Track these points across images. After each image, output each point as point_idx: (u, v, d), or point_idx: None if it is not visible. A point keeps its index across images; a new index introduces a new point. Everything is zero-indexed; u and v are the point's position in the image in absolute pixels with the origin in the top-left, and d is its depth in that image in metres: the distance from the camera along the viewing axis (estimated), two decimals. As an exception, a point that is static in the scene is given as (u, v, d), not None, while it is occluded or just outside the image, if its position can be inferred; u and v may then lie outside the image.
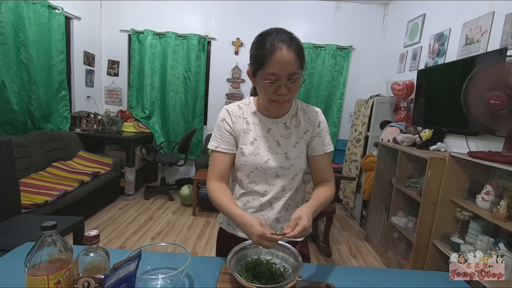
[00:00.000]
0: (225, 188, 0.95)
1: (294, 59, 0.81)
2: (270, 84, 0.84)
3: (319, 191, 0.97)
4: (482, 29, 2.13)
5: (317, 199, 0.92)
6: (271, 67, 0.81)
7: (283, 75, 0.82)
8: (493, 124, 1.63)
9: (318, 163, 1.00)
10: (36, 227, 1.71)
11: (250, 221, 0.77)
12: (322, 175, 1.00)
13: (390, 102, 3.19)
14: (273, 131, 0.97)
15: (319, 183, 1.01)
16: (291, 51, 0.81)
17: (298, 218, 0.79)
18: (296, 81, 0.84)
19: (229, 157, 0.96)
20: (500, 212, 1.51)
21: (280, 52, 0.80)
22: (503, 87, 1.52)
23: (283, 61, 0.80)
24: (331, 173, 1.02)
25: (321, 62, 4.01)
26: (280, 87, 0.83)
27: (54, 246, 0.60)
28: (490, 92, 1.56)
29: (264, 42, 0.82)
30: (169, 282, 0.74)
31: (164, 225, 2.98)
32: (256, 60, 0.85)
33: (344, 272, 0.89)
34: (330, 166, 1.02)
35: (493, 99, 1.54)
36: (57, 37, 3.14)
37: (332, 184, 1.01)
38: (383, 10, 3.98)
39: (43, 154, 2.84)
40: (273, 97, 0.86)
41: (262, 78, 0.84)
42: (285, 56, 0.80)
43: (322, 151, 0.99)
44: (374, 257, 2.63)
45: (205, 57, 4.08)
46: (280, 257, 0.86)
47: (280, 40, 0.81)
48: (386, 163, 2.69)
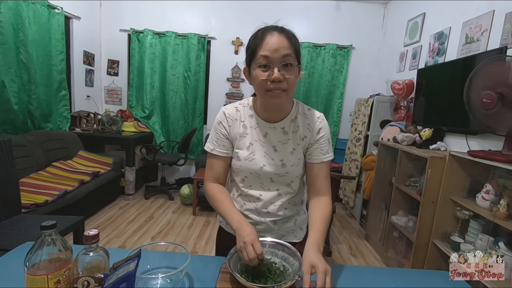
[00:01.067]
0: (224, 190, 0.95)
1: (286, 43, 0.81)
2: (262, 70, 0.81)
3: (317, 214, 0.89)
4: (482, 28, 2.13)
5: (318, 229, 0.84)
6: (263, 51, 0.81)
7: (275, 57, 0.80)
8: (487, 122, 1.64)
9: (314, 171, 0.94)
10: (36, 226, 1.71)
11: (248, 227, 0.81)
12: (317, 186, 0.94)
13: (390, 101, 3.19)
14: (270, 136, 0.94)
15: (313, 198, 0.94)
16: (282, 35, 0.81)
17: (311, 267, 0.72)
18: (291, 68, 0.82)
19: (224, 160, 0.96)
20: (500, 211, 1.51)
21: (271, 35, 0.81)
22: (501, 86, 1.51)
23: (275, 43, 0.80)
24: (327, 184, 0.95)
25: (321, 61, 4.01)
26: (273, 73, 0.80)
27: (54, 246, 0.60)
28: (484, 90, 1.57)
29: (257, 33, 0.84)
30: (169, 282, 0.74)
31: (164, 225, 2.98)
32: (249, 51, 0.85)
33: (344, 271, 0.88)
34: (326, 177, 0.95)
35: (486, 98, 1.56)
36: (56, 36, 3.14)
37: (328, 198, 0.93)
38: (383, 9, 3.97)
39: (43, 153, 2.84)
40: (267, 86, 0.81)
41: (255, 67, 0.83)
42: (276, 39, 0.80)
43: (319, 159, 0.93)
44: (374, 256, 2.63)
45: (205, 57, 4.08)
46: (280, 256, 0.86)
47: (271, 29, 0.83)
48: (386, 162, 2.69)
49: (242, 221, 0.83)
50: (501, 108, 1.51)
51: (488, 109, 1.55)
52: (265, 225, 0.98)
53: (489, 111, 1.56)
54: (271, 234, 0.99)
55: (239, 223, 0.83)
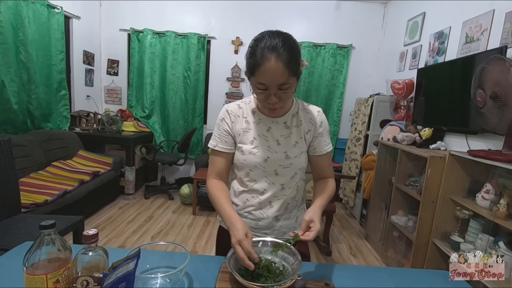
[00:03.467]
0: (223, 187, 0.97)
1: (282, 71, 0.79)
2: (260, 93, 0.85)
3: (322, 186, 0.99)
4: (482, 28, 2.13)
5: (323, 197, 0.94)
6: (260, 77, 0.82)
7: (272, 85, 0.82)
8: (480, 121, 1.67)
9: (320, 162, 1.02)
10: (36, 226, 1.69)
11: (238, 225, 0.80)
12: (323, 173, 1.04)
13: (390, 101, 3.19)
14: (273, 130, 0.97)
15: (319, 179, 1.04)
16: (279, 61, 0.79)
17: (310, 221, 0.82)
18: (287, 91, 0.84)
19: (226, 156, 0.98)
20: (500, 211, 1.51)
21: (269, 63, 0.79)
22: (497, 85, 1.52)
23: (272, 72, 0.80)
24: (331, 170, 1.05)
25: (321, 61, 4.01)
26: (270, 96, 0.84)
27: (53, 245, 0.60)
28: (478, 89, 1.59)
29: (255, 49, 0.82)
30: (168, 281, 0.74)
31: (164, 224, 2.98)
32: (248, 67, 0.86)
33: (344, 271, 0.88)
34: (330, 164, 1.05)
35: (479, 96, 1.58)
36: (56, 36, 3.13)
37: (333, 179, 1.04)
38: (383, 9, 3.97)
39: (43, 153, 2.84)
40: (265, 104, 0.88)
41: (253, 86, 0.86)
42: (273, 68, 0.79)
43: (324, 151, 1.01)
44: (374, 256, 2.63)
45: (205, 56, 4.08)
46: (280, 255, 0.86)
47: (270, 49, 0.79)
48: (386, 162, 2.69)
49: (232, 219, 0.83)
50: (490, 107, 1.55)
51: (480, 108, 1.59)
52: (267, 222, 0.98)
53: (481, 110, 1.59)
54: (273, 231, 1.00)
55: (230, 221, 0.83)
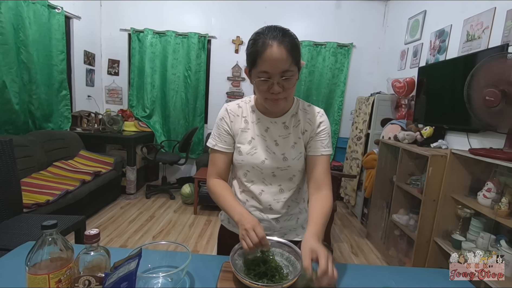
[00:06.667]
0: (226, 186, 0.96)
1: (285, 56, 0.79)
2: (263, 82, 0.83)
3: (316, 208, 0.87)
4: (483, 26, 2.12)
5: (318, 222, 0.83)
6: (263, 65, 0.80)
7: (275, 72, 0.81)
8: (490, 121, 1.62)
9: (314, 164, 0.94)
10: (38, 226, 1.72)
11: (249, 217, 0.82)
12: (317, 180, 0.92)
13: (391, 99, 3.18)
14: (271, 131, 0.96)
15: (313, 193, 0.92)
16: (282, 47, 0.79)
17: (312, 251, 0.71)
18: (290, 79, 0.82)
19: (226, 156, 0.97)
20: (501, 209, 1.51)
21: (271, 49, 0.79)
22: (504, 83, 1.51)
23: (274, 58, 0.79)
24: (327, 179, 0.93)
25: (322, 59, 4.00)
26: (273, 85, 0.82)
27: (55, 245, 0.61)
28: (486, 88, 1.56)
29: (257, 40, 0.82)
30: (170, 281, 0.74)
31: (166, 224, 2.99)
32: (249, 59, 0.85)
33: (345, 269, 0.88)
34: (326, 171, 0.94)
35: (488, 95, 1.54)
36: (57, 36, 3.14)
37: (329, 193, 0.92)
38: (384, 7, 3.96)
39: (44, 153, 2.84)
40: (267, 95, 0.85)
41: (255, 76, 0.84)
42: (275, 53, 0.78)
43: (319, 152, 0.94)
44: (375, 255, 2.63)
45: (205, 56, 4.08)
46: (281, 255, 0.86)
47: (271, 37, 0.79)
48: (387, 160, 2.68)
49: (244, 213, 0.84)
50: (505, 105, 1.51)
51: (491, 107, 1.54)
52: (268, 223, 0.98)
53: (492, 109, 1.54)
54: (273, 232, 0.99)
55: (241, 214, 0.83)
